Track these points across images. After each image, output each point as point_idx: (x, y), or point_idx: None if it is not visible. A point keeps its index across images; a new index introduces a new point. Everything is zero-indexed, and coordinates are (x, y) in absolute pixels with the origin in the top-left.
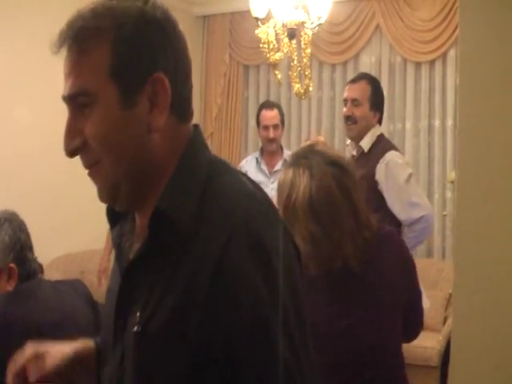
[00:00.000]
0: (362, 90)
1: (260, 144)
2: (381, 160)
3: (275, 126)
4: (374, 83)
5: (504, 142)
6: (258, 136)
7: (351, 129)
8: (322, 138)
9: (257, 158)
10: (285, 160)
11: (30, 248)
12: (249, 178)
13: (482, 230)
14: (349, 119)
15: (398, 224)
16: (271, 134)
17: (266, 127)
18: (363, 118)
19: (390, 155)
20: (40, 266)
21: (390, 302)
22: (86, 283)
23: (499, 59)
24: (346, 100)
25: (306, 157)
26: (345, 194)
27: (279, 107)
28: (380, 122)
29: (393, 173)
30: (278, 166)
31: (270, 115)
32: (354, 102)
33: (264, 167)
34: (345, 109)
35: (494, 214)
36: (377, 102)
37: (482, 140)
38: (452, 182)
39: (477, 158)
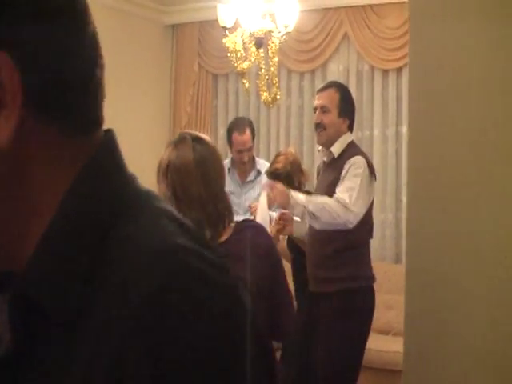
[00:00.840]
0: (330, 98)
1: (230, 154)
2: (347, 161)
3: (249, 148)
4: (343, 90)
5: (453, 147)
6: (227, 145)
7: (321, 135)
8: (292, 150)
9: (229, 168)
10: (258, 170)
11: None
12: (177, 219)
13: (432, 236)
14: (318, 126)
15: (368, 230)
16: (245, 157)
17: (240, 151)
18: (332, 125)
19: (357, 159)
20: None
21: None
22: None
23: (450, 69)
24: (315, 108)
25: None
26: (200, 166)
27: (250, 125)
28: (351, 128)
29: (355, 170)
30: (251, 176)
31: (243, 140)
32: (323, 109)
33: (236, 177)
34: (314, 117)
35: (444, 218)
36: (345, 108)
37: (431, 148)
38: None
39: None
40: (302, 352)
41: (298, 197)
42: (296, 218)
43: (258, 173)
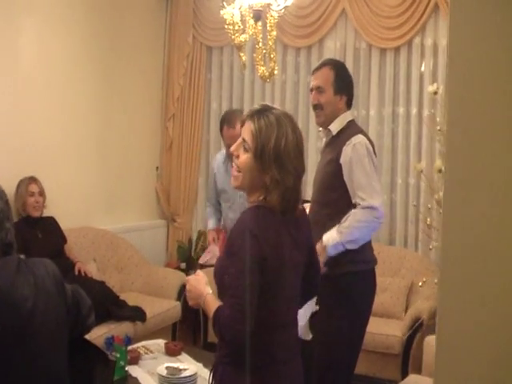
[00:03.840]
0: (324, 77)
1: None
2: (347, 142)
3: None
4: (338, 67)
5: (493, 135)
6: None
7: (319, 115)
8: None
9: (224, 159)
10: None
11: (8, 218)
12: None
13: (470, 223)
14: (316, 107)
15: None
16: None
17: (228, 145)
18: (329, 104)
19: (357, 138)
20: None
21: None
22: None
23: (491, 52)
24: (311, 89)
25: (268, 110)
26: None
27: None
28: (349, 104)
29: (359, 156)
30: None
31: (232, 134)
32: (319, 89)
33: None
34: (311, 97)
35: (484, 207)
36: (341, 85)
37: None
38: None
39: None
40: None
41: (332, 239)
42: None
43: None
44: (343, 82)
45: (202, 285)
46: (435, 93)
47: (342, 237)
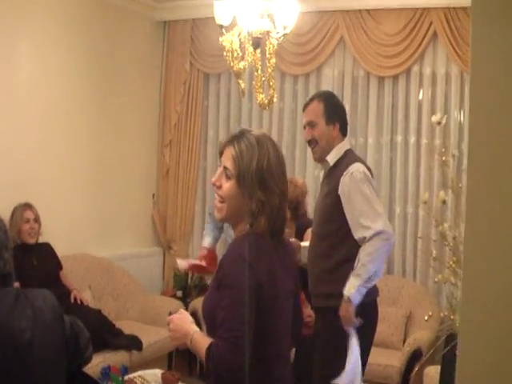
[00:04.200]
0: (314, 111)
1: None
2: (344, 172)
3: None
4: (326, 97)
5: None
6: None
7: (315, 151)
8: (299, 178)
9: None
10: None
11: (7, 248)
12: None
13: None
14: (310, 143)
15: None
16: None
17: None
18: (322, 136)
19: (354, 167)
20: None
21: None
22: None
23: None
24: (304, 127)
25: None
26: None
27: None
28: (344, 131)
29: (356, 183)
30: None
31: None
32: (310, 124)
33: None
34: (304, 134)
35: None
36: (332, 114)
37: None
38: (425, 203)
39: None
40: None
41: (352, 291)
42: (304, 244)
43: None
44: (334, 111)
45: (188, 323)
46: (439, 123)
47: (361, 278)
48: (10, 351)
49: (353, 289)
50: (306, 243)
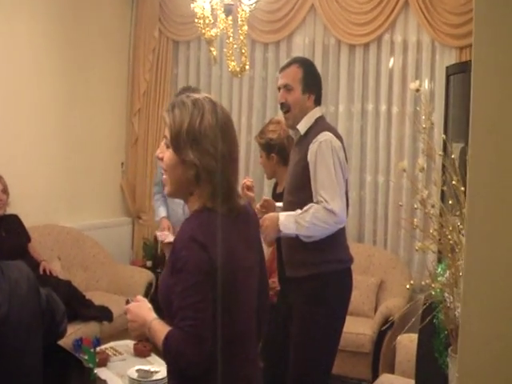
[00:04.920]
0: (292, 75)
1: None
2: (313, 140)
3: None
4: (306, 65)
5: None
6: None
7: (287, 118)
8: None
9: None
10: None
11: None
12: None
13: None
14: (283, 106)
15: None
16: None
17: None
18: (296, 103)
19: (323, 136)
20: None
21: None
22: None
23: None
24: (279, 88)
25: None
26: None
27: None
28: (318, 102)
29: (323, 155)
30: None
31: None
32: (286, 87)
33: None
34: (278, 96)
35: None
36: (310, 84)
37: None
38: (404, 171)
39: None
40: (277, 340)
41: (287, 227)
42: (279, 204)
43: None
44: (312, 81)
45: (145, 310)
46: (417, 90)
47: (299, 229)
48: None
49: (286, 230)
50: (280, 204)
